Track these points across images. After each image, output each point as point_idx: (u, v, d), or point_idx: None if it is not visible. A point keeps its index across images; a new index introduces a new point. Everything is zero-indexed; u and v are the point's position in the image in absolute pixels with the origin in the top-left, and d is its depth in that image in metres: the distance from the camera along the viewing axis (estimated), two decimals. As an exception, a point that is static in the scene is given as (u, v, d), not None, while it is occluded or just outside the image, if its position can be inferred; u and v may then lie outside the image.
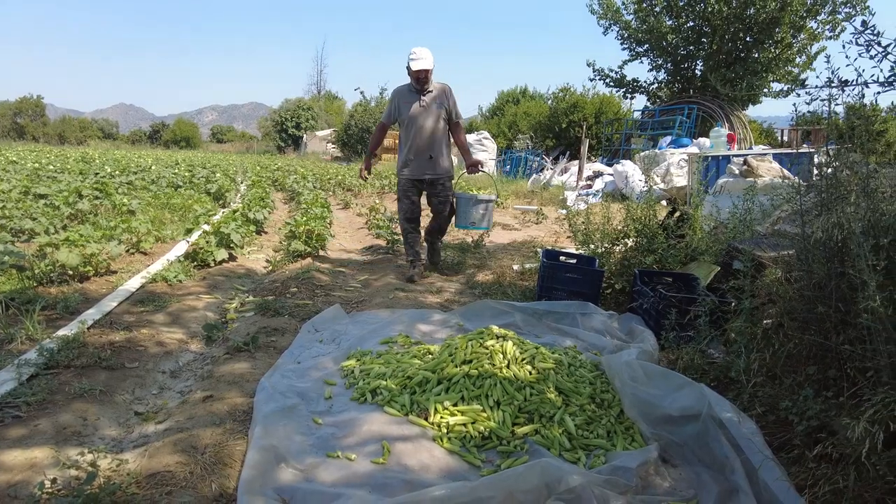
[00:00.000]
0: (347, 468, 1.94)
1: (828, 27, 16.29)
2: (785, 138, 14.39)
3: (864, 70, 2.02)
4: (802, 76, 16.91)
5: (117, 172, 11.88)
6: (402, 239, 4.96)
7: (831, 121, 2.37)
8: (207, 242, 5.03)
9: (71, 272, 4.05)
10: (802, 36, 16.57)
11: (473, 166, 4.63)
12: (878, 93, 2.01)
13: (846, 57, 2.00)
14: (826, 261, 2.00)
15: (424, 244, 5.04)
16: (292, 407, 2.33)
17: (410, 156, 4.56)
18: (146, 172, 12.55)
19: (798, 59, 17.00)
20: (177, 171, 14.09)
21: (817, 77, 2.12)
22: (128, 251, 5.15)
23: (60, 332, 2.94)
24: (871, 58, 1.94)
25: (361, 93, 29.50)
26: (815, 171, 2.44)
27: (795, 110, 2.34)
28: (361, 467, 1.96)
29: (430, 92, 4.49)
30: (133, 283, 4.08)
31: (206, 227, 5.75)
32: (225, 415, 2.25)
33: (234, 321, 3.54)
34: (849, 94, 2.08)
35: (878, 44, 1.90)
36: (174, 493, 1.70)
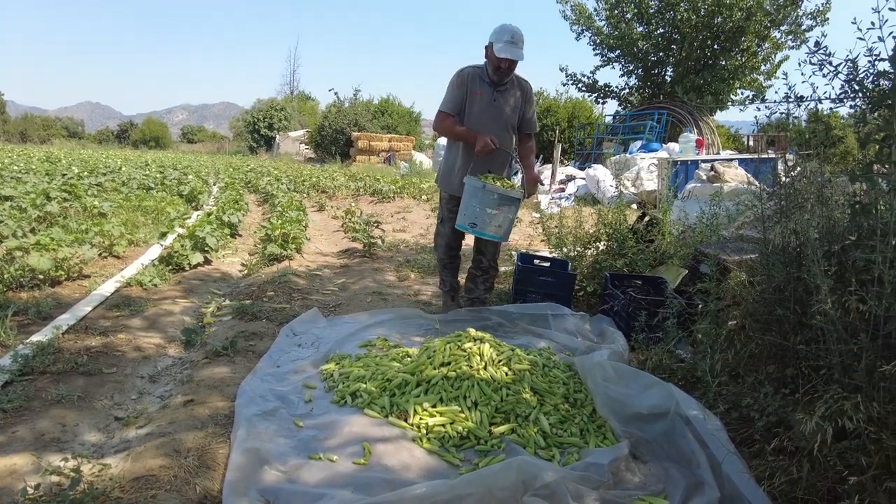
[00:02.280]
0: (330, 469, 1.99)
1: (790, 37, 16.86)
2: (751, 143, 14.84)
3: (818, 86, 2.16)
4: (766, 85, 17.47)
5: (86, 173, 11.63)
6: (438, 268, 3.90)
7: (790, 132, 2.52)
8: (182, 246, 5.00)
9: (42, 276, 3.99)
10: (767, 45, 17.13)
11: (533, 184, 3.50)
12: (831, 108, 2.15)
13: (801, 74, 2.14)
14: (784, 266, 2.13)
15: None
16: (273, 410, 2.37)
17: (465, 167, 3.42)
18: (116, 173, 12.31)
19: (763, 67, 17.56)
20: (148, 172, 13.85)
21: (776, 92, 2.25)
22: (100, 255, 5.08)
23: (34, 338, 2.92)
24: (824, 76, 2.07)
25: (335, 93, 29.33)
26: (775, 180, 2.58)
27: (757, 121, 2.49)
28: (343, 468, 2.01)
29: (505, 87, 3.40)
30: (107, 288, 4.04)
31: (181, 231, 5.71)
32: (206, 418, 2.27)
33: (212, 325, 3.54)
34: (804, 109, 2.22)
35: (830, 63, 2.03)
36: (158, 496, 1.73)
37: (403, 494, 1.75)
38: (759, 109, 2.27)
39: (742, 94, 17.86)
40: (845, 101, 2.06)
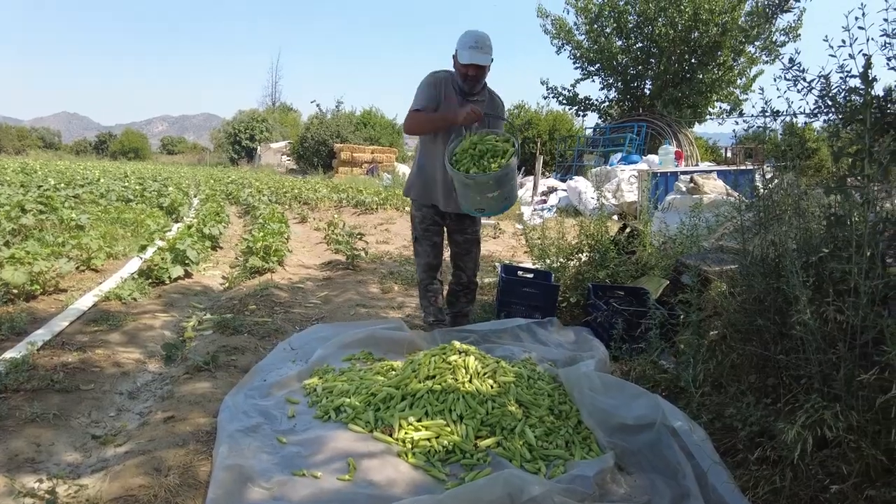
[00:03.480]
0: (314, 486, 1.96)
1: (765, 52, 17.30)
2: (729, 155, 15.13)
3: (793, 101, 2.22)
4: (742, 98, 17.87)
5: (62, 185, 11.43)
6: (418, 292, 3.73)
7: (766, 145, 2.57)
8: (163, 259, 4.93)
9: (17, 291, 3.90)
10: (742, 60, 17.55)
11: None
12: (806, 122, 2.21)
13: (777, 89, 2.19)
14: (764, 276, 2.17)
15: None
16: (256, 426, 2.33)
17: (437, 178, 3.30)
18: (94, 185, 12.12)
19: (739, 81, 17.97)
20: (127, 183, 13.65)
21: (753, 106, 2.30)
22: (78, 268, 4.98)
23: (8, 355, 2.84)
24: (798, 91, 2.13)
25: (317, 105, 29.35)
26: (754, 192, 2.63)
27: (735, 134, 2.54)
28: (328, 484, 1.98)
29: (476, 98, 3.23)
30: (85, 302, 3.96)
31: (161, 244, 5.63)
32: (188, 435, 2.23)
33: (193, 340, 3.49)
34: (780, 123, 2.28)
35: (804, 79, 2.08)
36: (138, 516, 1.69)
37: (389, 511, 1.73)
38: (737, 123, 2.33)
39: (719, 106, 18.26)
40: (819, 115, 2.12)
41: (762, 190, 2.42)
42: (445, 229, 3.54)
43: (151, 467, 1.97)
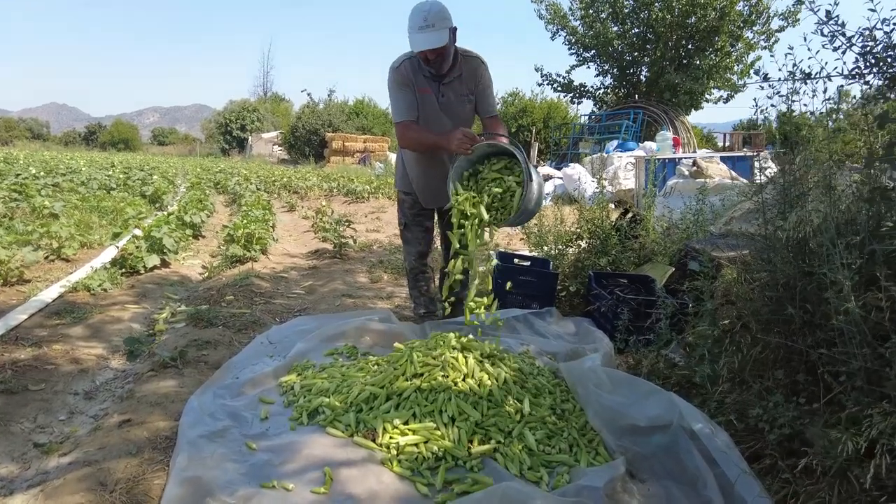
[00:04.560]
0: (284, 500, 1.71)
1: (762, 37, 17.04)
2: (727, 143, 14.91)
3: (825, 62, 1.96)
4: (739, 84, 17.60)
5: (42, 174, 11.06)
6: (407, 283, 3.44)
7: (766, 129, 2.31)
8: (137, 248, 4.65)
9: (-27, 282, 3.62)
10: (740, 45, 17.27)
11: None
12: (842, 86, 1.95)
13: (808, 49, 1.94)
14: (794, 259, 1.92)
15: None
16: (223, 430, 2.08)
17: (420, 174, 3.03)
18: (76, 174, 11.75)
19: (736, 68, 17.70)
20: (111, 172, 13.29)
21: (779, 70, 2.05)
22: (47, 258, 4.70)
23: (-47, 352, 2.58)
24: (835, 49, 1.87)
25: (309, 94, 28.92)
26: (775, 169, 2.38)
27: (756, 104, 2.25)
28: (300, 499, 1.73)
29: (451, 77, 2.82)
30: (50, 293, 3.68)
31: (138, 232, 5.34)
32: (144, 442, 1.97)
33: (164, 333, 3.22)
34: (810, 88, 2.02)
35: (843, 35, 1.83)
36: (70, 543, 1.43)
37: (368, 533, 1.48)
38: (761, 88, 2.07)
39: (716, 93, 18.00)
40: (859, 77, 1.87)
41: (788, 166, 2.17)
42: (436, 214, 3.27)
43: (96, 481, 1.71)
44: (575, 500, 1.67)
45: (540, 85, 20.05)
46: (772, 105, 2.13)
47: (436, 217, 3.28)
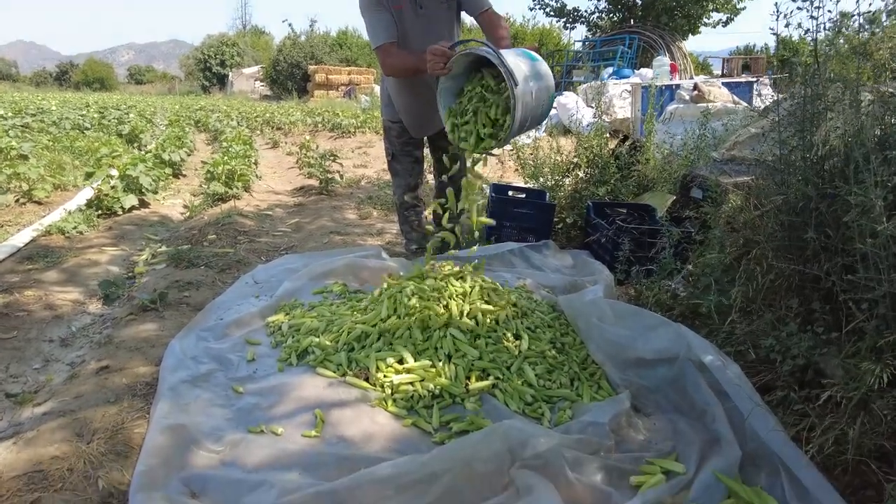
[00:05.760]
0: (273, 445, 1.62)
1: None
2: (725, 69, 14.44)
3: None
4: (739, 7, 16.90)
5: (10, 114, 10.56)
6: (398, 218, 3.20)
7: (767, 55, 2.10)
8: (113, 188, 4.42)
9: (-62, 227, 3.43)
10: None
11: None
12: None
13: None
14: (816, 178, 1.77)
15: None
16: (207, 374, 1.97)
17: (405, 101, 2.78)
18: (47, 114, 11.23)
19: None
20: (85, 112, 12.73)
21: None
22: (17, 201, 4.48)
23: (-83, 300, 2.43)
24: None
25: (290, 25, 27.61)
26: (794, 89, 2.19)
27: (777, 7, 2.02)
28: (290, 443, 1.64)
29: None
30: (21, 238, 3.50)
31: (114, 172, 5.09)
32: (123, 389, 1.87)
33: (144, 276, 3.08)
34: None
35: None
36: (43, 499, 1.34)
37: (362, 479, 1.40)
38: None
39: (715, 16, 17.30)
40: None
41: (810, 79, 1.98)
42: (427, 141, 3.06)
43: (73, 432, 1.61)
44: (580, 436, 1.59)
45: (532, 9, 19.15)
46: (786, 24, 1.91)
47: (426, 147, 3.07)
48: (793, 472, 1.38)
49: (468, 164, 2.31)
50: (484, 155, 2.31)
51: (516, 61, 2.01)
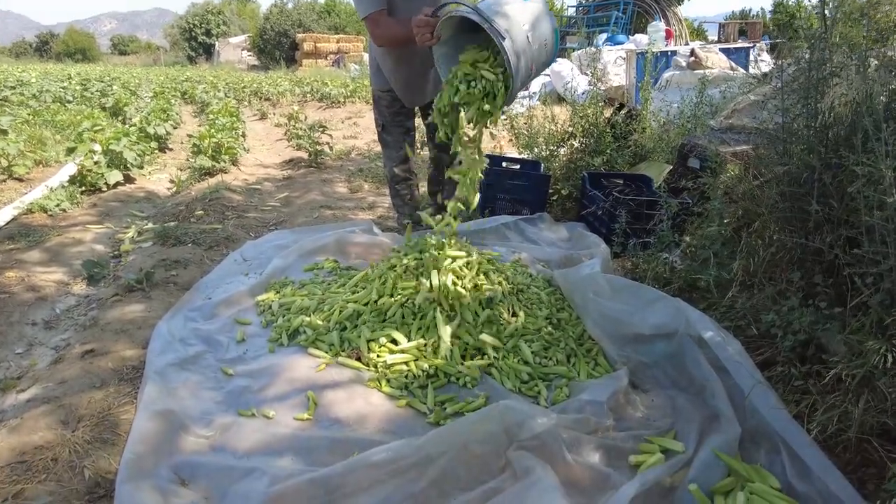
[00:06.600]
0: (264, 429, 1.58)
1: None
2: (721, 35, 14.18)
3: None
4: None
5: (-11, 87, 10.27)
6: (389, 192, 3.14)
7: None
8: (96, 163, 4.30)
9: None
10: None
11: None
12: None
13: None
14: (820, 148, 1.71)
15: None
16: (195, 356, 1.93)
17: (394, 69, 2.67)
18: (26, 87, 10.93)
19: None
20: (67, 84, 12.39)
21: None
22: (-4, 178, 4.35)
23: None
24: None
25: (276, -9, 26.82)
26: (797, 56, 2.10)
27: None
28: (282, 427, 1.60)
29: None
30: (2, 217, 3.41)
31: (97, 147, 4.95)
32: (109, 374, 1.82)
33: (130, 254, 3.00)
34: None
35: None
36: (26, 490, 1.30)
37: (356, 464, 1.36)
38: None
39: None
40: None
41: (816, 43, 1.90)
42: (420, 111, 2.95)
43: (57, 419, 1.56)
44: (578, 416, 1.57)
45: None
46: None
47: (418, 117, 2.98)
48: (794, 450, 1.36)
49: (474, 134, 2.20)
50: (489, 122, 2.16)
51: (503, 10, 1.88)
